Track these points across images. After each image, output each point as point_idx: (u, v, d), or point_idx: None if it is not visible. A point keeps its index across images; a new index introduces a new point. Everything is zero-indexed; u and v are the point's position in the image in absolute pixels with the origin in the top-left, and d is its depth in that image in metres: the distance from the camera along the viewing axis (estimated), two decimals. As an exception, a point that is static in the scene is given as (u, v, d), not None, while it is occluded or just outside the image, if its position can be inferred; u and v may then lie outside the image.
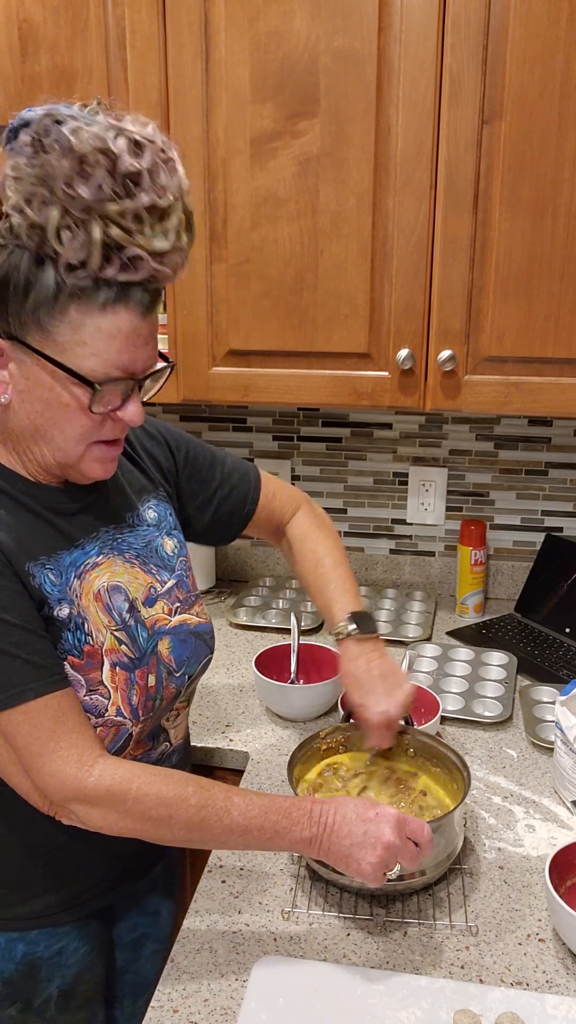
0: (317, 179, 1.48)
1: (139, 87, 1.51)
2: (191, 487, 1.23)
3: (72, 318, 0.86)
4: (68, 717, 0.93)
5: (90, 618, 0.99)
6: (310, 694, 1.45)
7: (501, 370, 1.51)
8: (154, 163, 0.84)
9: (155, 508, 1.14)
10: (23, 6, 1.50)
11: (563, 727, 1.24)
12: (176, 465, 1.22)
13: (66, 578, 0.98)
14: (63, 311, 0.86)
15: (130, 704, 1.00)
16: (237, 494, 1.28)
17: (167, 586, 1.10)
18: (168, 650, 1.07)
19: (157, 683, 1.04)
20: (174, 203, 0.86)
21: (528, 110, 1.38)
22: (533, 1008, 0.91)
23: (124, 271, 0.85)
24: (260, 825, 0.94)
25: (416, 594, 1.99)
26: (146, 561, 1.09)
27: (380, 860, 0.94)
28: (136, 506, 1.11)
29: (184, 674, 1.09)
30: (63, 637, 0.96)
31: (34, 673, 0.91)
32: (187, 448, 1.24)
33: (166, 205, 0.85)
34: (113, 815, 0.92)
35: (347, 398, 1.58)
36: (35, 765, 0.91)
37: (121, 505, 1.09)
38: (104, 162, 0.81)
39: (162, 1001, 0.94)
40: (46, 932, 1.07)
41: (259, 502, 1.30)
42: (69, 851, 1.04)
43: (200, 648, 1.12)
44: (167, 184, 0.85)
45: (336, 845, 0.95)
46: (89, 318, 0.86)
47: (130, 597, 1.04)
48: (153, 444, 1.20)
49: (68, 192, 0.81)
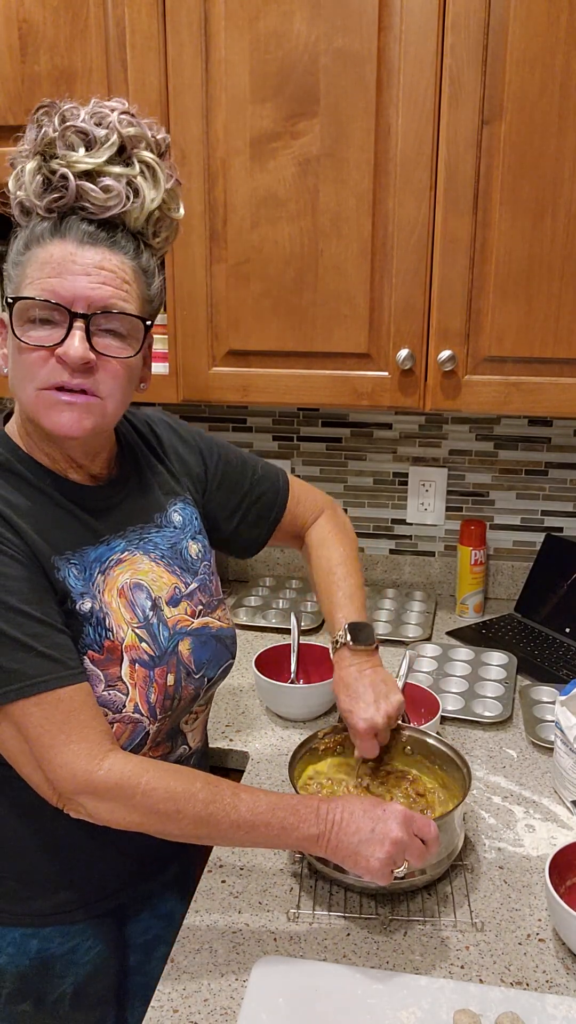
0: (317, 179, 1.48)
1: (139, 87, 1.51)
2: (220, 494, 1.24)
3: (25, 260, 0.93)
4: (81, 711, 0.93)
5: (112, 614, 0.99)
6: (310, 694, 1.45)
7: (501, 370, 1.51)
8: (111, 119, 0.92)
9: (181, 511, 1.15)
10: (23, 6, 1.50)
11: (563, 727, 1.24)
12: (207, 473, 1.22)
13: (90, 573, 0.99)
14: (20, 255, 0.94)
15: (148, 702, 1.00)
16: (266, 501, 1.28)
17: (190, 588, 1.11)
18: (189, 651, 1.07)
19: (176, 683, 1.04)
20: (111, 135, 0.92)
21: (528, 110, 1.38)
22: (533, 1008, 0.91)
23: (55, 193, 0.91)
24: (267, 821, 0.95)
25: (416, 594, 1.99)
26: (171, 562, 1.09)
27: (388, 856, 0.94)
28: (164, 507, 1.12)
29: (203, 676, 1.09)
30: (84, 632, 0.97)
31: (49, 666, 0.91)
32: (219, 455, 1.24)
33: (101, 135, 0.92)
34: (121, 809, 0.92)
35: (347, 398, 1.58)
36: (46, 756, 0.91)
37: (149, 504, 1.10)
38: (58, 120, 0.91)
39: (162, 1001, 0.94)
40: (60, 929, 1.07)
41: (286, 507, 1.30)
42: (84, 848, 1.05)
43: (221, 652, 1.13)
44: (113, 123, 0.92)
45: (344, 842, 0.95)
46: (35, 254, 0.92)
47: (153, 596, 1.05)
48: (186, 449, 1.20)
49: (26, 147, 0.93)
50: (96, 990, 1.11)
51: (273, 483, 1.29)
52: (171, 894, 1.24)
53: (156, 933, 1.23)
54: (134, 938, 1.21)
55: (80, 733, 0.92)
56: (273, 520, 1.29)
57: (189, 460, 1.20)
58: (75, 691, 0.93)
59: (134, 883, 1.13)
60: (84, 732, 0.92)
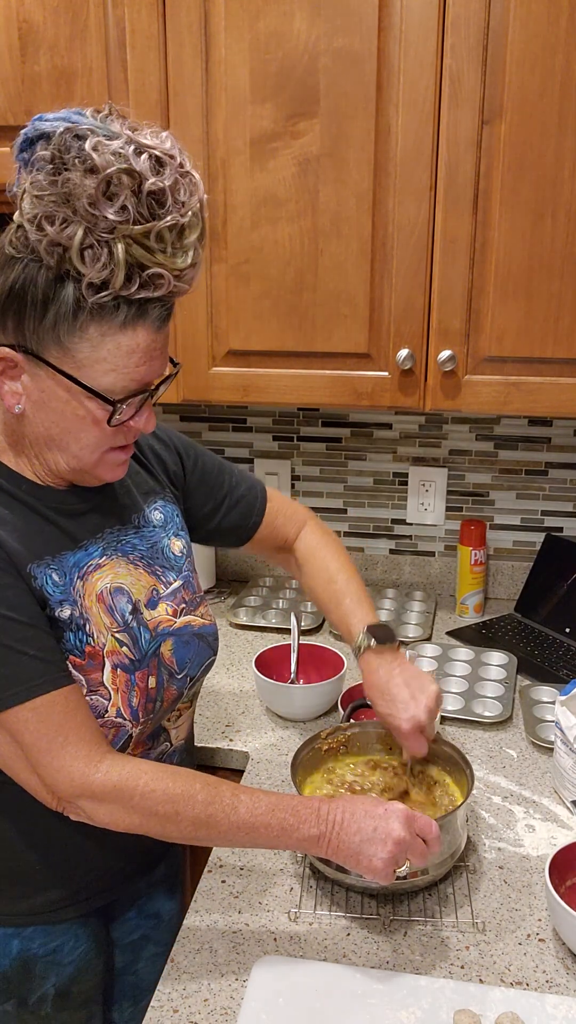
0: (317, 179, 1.48)
1: (139, 87, 1.51)
2: (199, 494, 1.24)
3: (91, 335, 0.87)
4: (75, 713, 0.93)
5: (92, 619, 0.99)
6: (310, 694, 1.45)
7: (501, 370, 1.51)
8: (175, 180, 0.84)
9: (162, 509, 1.14)
10: (23, 6, 1.50)
11: (563, 727, 1.24)
12: (184, 471, 1.22)
13: (69, 579, 0.98)
14: (83, 328, 0.86)
15: (130, 706, 1.00)
16: (244, 505, 1.28)
17: (172, 587, 1.10)
18: (170, 652, 1.07)
19: (158, 685, 1.04)
20: (193, 220, 0.86)
21: (528, 110, 1.38)
22: (533, 1008, 0.91)
23: (144, 289, 0.85)
24: (267, 823, 0.95)
25: (416, 594, 1.99)
26: (151, 563, 1.09)
27: (391, 856, 0.94)
28: (142, 507, 1.12)
29: (186, 676, 1.09)
30: (65, 637, 0.97)
31: (42, 669, 0.91)
32: (196, 455, 1.25)
33: (187, 222, 0.85)
34: (120, 811, 0.93)
35: (347, 398, 1.58)
36: (43, 761, 0.92)
37: (127, 507, 1.09)
38: (128, 182, 0.81)
39: (162, 1001, 0.94)
40: (42, 929, 1.07)
41: (264, 517, 1.30)
42: (71, 846, 1.05)
43: (203, 650, 1.12)
44: (187, 201, 0.86)
45: (345, 842, 0.95)
46: (109, 335, 0.87)
47: (133, 599, 1.04)
48: (163, 448, 1.21)
49: (92, 212, 0.81)
50: (81, 990, 1.11)
51: (251, 488, 1.30)
52: (159, 893, 1.24)
53: (144, 933, 1.23)
54: (121, 938, 1.21)
55: (76, 735, 0.92)
56: (252, 525, 1.29)
57: (166, 458, 1.20)
58: (69, 692, 0.93)
59: (122, 882, 1.14)
60: (80, 733, 0.93)
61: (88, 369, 0.88)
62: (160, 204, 0.83)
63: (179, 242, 0.86)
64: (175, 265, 0.86)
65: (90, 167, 0.80)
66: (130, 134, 0.84)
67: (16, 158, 0.86)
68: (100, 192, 0.80)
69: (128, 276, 0.84)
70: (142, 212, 0.82)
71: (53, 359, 0.88)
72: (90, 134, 0.82)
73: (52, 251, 0.83)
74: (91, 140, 0.81)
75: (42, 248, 0.83)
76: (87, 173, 0.80)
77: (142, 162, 0.82)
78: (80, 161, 0.81)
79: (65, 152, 0.81)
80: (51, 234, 0.82)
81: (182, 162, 0.86)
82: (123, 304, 0.86)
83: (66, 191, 0.81)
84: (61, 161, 0.81)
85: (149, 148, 0.83)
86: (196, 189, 0.87)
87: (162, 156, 0.84)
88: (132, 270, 0.84)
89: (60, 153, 0.81)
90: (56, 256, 0.83)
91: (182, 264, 0.86)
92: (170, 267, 0.85)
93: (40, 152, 0.83)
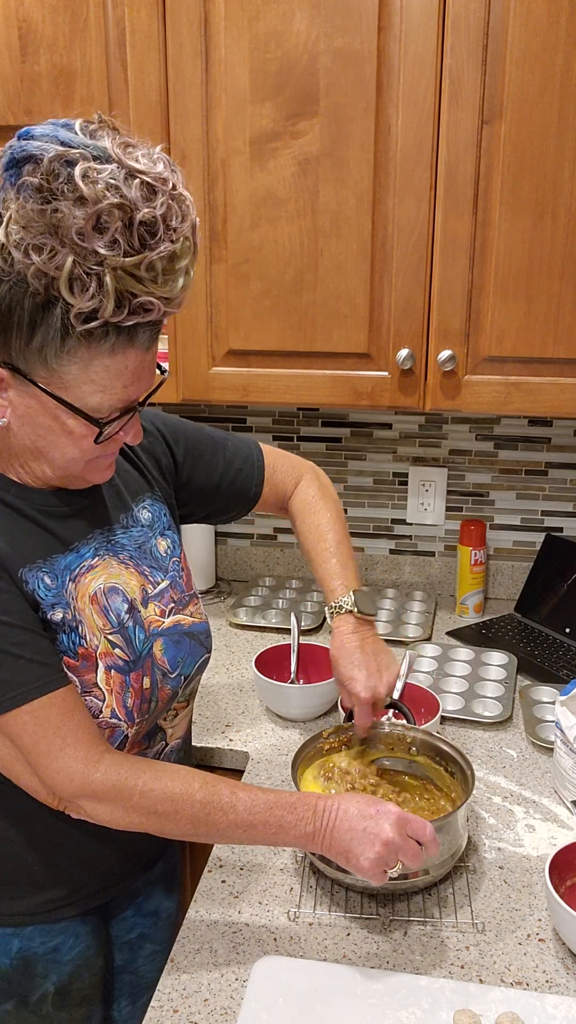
0: (317, 179, 1.48)
1: (139, 87, 1.51)
2: (194, 479, 1.22)
3: (80, 358, 0.86)
4: (73, 714, 0.93)
5: (85, 621, 0.99)
6: (310, 694, 1.45)
7: (501, 370, 1.51)
8: (167, 207, 0.82)
9: (149, 508, 1.14)
10: (23, 6, 1.50)
11: (563, 727, 1.24)
12: (175, 460, 1.21)
13: (61, 581, 0.98)
14: (71, 352, 0.85)
15: (125, 707, 1.01)
16: (243, 479, 1.26)
17: (160, 587, 1.10)
18: (161, 652, 1.07)
19: (152, 686, 1.04)
20: (185, 245, 0.85)
21: (528, 110, 1.38)
22: (533, 1008, 0.91)
23: (135, 315, 0.84)
24: (265, 820, 0.95)
25: (416, 594, 1.99)
26: (139, 563, 1.08)
27: (378, 857, 0.94)
28: (131, 506, 1.11)
29: (179, 675, 1.09)
30: (58, 639, 0.97)
31: (39, 671, 0.91)
32: (185, 439, 1.22)
33: (178, 249, 0.84)
34: (120, 810, 0.93)
35: (347, 398, 1.58)
36: (42, 763, 0.92)
37: (115, 506, 1.09)
38: (119, 215, 0.79)
39: (162, 1001, 0.94)
40: (41, 929, 1.07)
41: (264, 485, 1.28)
42: (69, 845, 1.05)
43: (195, 648, 1.12)
44: (179, 227, 0.84)
45: (337, 840, 0.95)
46: (97, 359, 0.86)
47: (129, 598, 1.04)
48: (151, 441, 1.18)
49: (82, 245, 0.79)
50: (80, 989, 1.11)
51: (247, 458, 1.27)
52: (157, 891, 1.24)
53: (142, 931, 1.23)
54: (119, 936, 1.22)
55: (75, 735, 0.92)
56: (254, 495, 1.28)
57: (156, 451, 1.18)
58: (66, 693, 0.93)
59: (120, 880, 1.14)
60: (78, 734, 0.93)
61: (76, 390, 0.87)
62: (152, 234, 0.81)
63: (170, 269, 0.84)
64: (165, 292, 0.84)
65: (79, 197, 0.78)
66: (121, 154, 0.81)
67: (3, 174, 0.82)
68: (90, 225, 0.78)
69: (118, 305, 0.82)
70: (132, 244, 0.80)
71: (40, 379, 0.87)
72: (80, 159, 0.79)
73: (39, 278, 0.81)
74: (80, 167, 0.78)
75: (29, 274, 0.81)
76: (76, 204, 0.78)
77: (133, 190, 0.80)
78: (70, 191, 0.78)
79: (53, 180, 0.79)
80: (38, 263, 0.80)
81: (174, 184, 0.83)
82: (112, 330, 0.84)
83: (54, 222, 0.78)
84: (49, 190, 0.79)
85: (141, 174, 0.81)
86: (188, 212, 0.85)
87: (154, 182, 0.81)
88: (122, 299, 0.82)
89: (48, 182, 0.79)
90: (44, 284, 0.81)
91: (172, 291, 0.85)
92: (160, 295, 0.84)
93: (28, 178, 0.79)
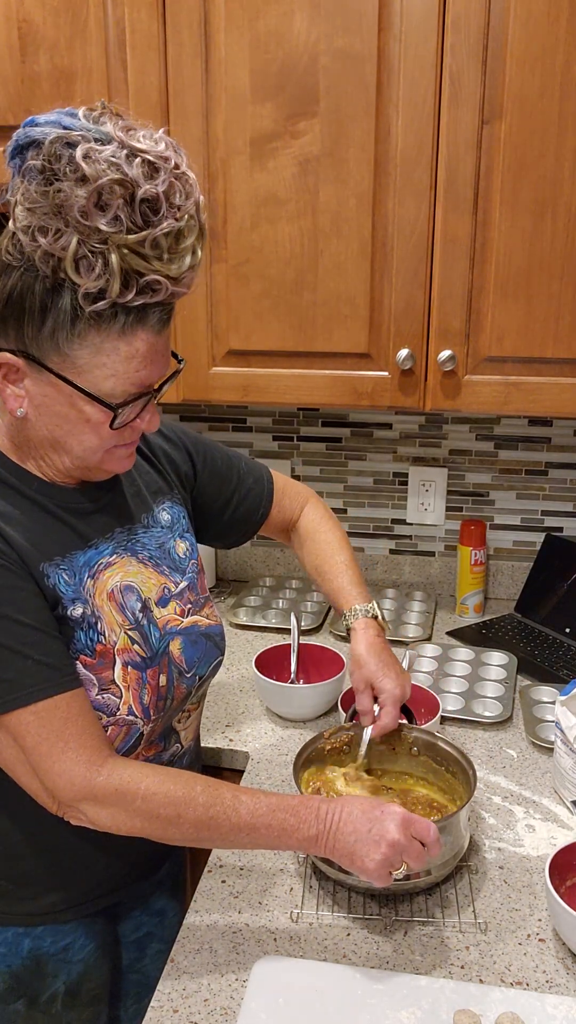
0: (317, 179, 1.48)
1: (139, 87, 1.51)
2: (209, 492, 1.24)
3: (91, 342, 0.86)
4: (78, 718, 0.93)
5: (104, 617, 0.99)
6: (310, 694, 1.45)
7: (501, 370, 1.51)
8: (169, 184, 0.83)
9: (169, 510, 1.15)
10: (23, 6, 1.50)
11: (563, 727, 1.24)
12: (195, 469, 1.23)
13: (79, 578, 0.98)
14: (82, 336, 0.86)
15: (141, 703, 1.01)
16: (253, 498, 1.29)
17: (179, 588, 1.11)
18: (179, 650, 1.07)
19: (168, 683, 1.04)
20: (190, 223, 0.85)
21: (528, 110, 1.38)
22: (533, 1008, 0.91)
23: (142, 295, 0.84)
24: (268, 823, 0.95)
25: (416, 594, 1.99)
26: (159, 563, 1.09)
27: (384, 858, 0.94)
28: (151, 507, 1.12)
29: (195, 675, 1.09)
30: (76, 636, 0.97)
31: (45, 673, 0.91)
32: (206, 452, 1.25)
33: (183, 227, 0.84)
34: (122, 815, 0.93)
35: (347, 398, 1.59)
36: (44, 765, 0.92)
37: (136, 506, 1.10)
38: (120, 191, 0.80)
39: (162, 1001, 0.94)
40: (52, 928, 1.07)
41: (272, 507, 1.32)
42: (75, 851, 1.05)
43: (211, 650, 1.13)
44: (182, 204, 0.84)
45: (341, 843, 0.95)
46: (108, 341, 0.87)
47: (143, 597, 1.05)
48: (172, 448, 1.21)
49: (85, 223, 0.80)
50: (89, 988, 1.11)
51: (258, 479, 1.31)
52: (163, 892, 1.25)
53: (148, 930, 1.23)
54: (126, 935, 1.22)
55: (78, 740, 0.92)
56: (262, 516, 1.31)
57: (176, 458, 1.21)
58: (72, 697, 0.93)
59: (127, 884, 1.14)
60: (81, 739, 0.92)
61: (88, 374, 0.88)
62: (154, 211, 0.82)
63: (175, 247, 0.84)
64: (171, 271, 0.85)
65: (81, 176, 0.79)
66: (123, 136, 0.82)
67: (8, 164, 0.84)
68: (92, 203, 0.79)
69: (124, 284, 0.83)
70: (135, 221, 0.81)
71: (53, 365, 0.88)
72: (81, 141, 0.80)
73: (47, 261, 0.82)
74: (82, 148, 0.80)
75: (37, 258, 0.82)
76: (78, 183, 0.79)
77: (135, 168, 0.81)
78: (71, 171, 0.79)
79: (55, 161, 0.80)
80: (44, 245, 0.81)
81: (177, 163, 0.84)
82: (121, 311, 0.85)
83: (58, 202, 0.80)
84: (52, 171, 0.80)
85: (142, 152, 0.81)
86: (192, 191, 0.86)
87: (155, 160, 0.82)
88: (128, 278, 0.83)
89: (50, 163, 0.80)
90: (51, 266, 0.82)
91: (179, 270, 0.85)
92: (166, 273, 0.84)
93: (31, 161, 0.81)
